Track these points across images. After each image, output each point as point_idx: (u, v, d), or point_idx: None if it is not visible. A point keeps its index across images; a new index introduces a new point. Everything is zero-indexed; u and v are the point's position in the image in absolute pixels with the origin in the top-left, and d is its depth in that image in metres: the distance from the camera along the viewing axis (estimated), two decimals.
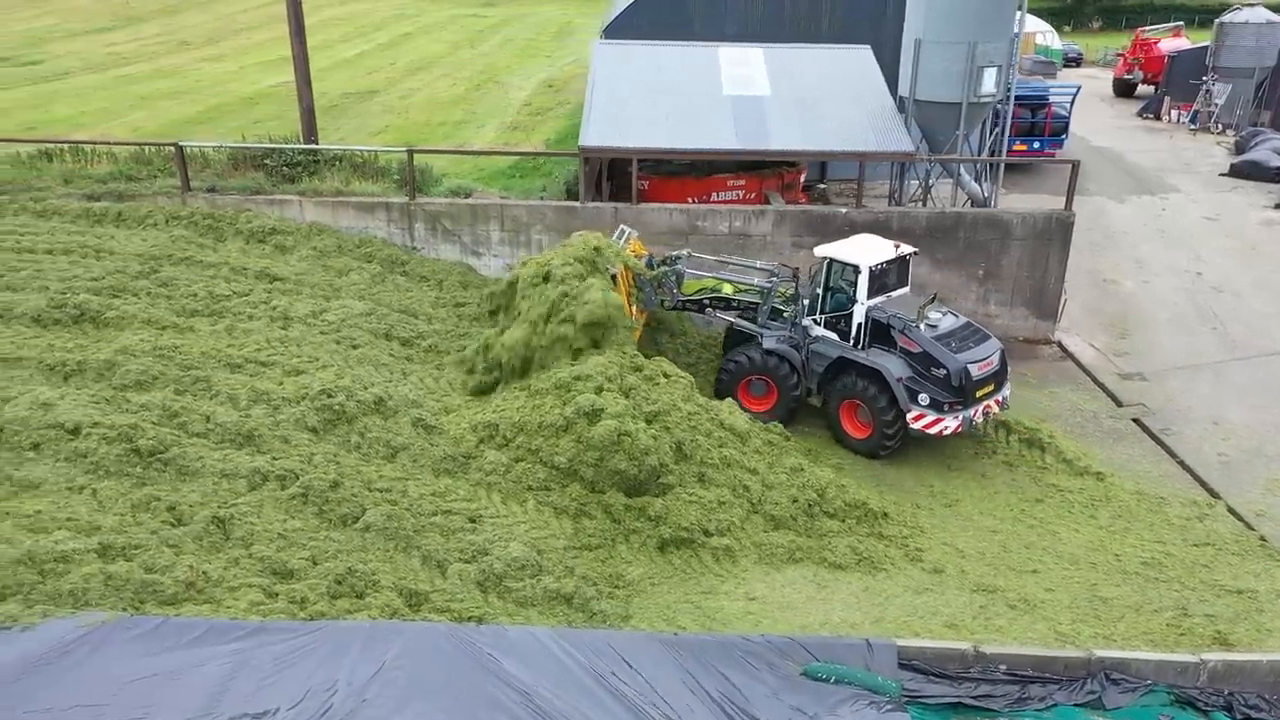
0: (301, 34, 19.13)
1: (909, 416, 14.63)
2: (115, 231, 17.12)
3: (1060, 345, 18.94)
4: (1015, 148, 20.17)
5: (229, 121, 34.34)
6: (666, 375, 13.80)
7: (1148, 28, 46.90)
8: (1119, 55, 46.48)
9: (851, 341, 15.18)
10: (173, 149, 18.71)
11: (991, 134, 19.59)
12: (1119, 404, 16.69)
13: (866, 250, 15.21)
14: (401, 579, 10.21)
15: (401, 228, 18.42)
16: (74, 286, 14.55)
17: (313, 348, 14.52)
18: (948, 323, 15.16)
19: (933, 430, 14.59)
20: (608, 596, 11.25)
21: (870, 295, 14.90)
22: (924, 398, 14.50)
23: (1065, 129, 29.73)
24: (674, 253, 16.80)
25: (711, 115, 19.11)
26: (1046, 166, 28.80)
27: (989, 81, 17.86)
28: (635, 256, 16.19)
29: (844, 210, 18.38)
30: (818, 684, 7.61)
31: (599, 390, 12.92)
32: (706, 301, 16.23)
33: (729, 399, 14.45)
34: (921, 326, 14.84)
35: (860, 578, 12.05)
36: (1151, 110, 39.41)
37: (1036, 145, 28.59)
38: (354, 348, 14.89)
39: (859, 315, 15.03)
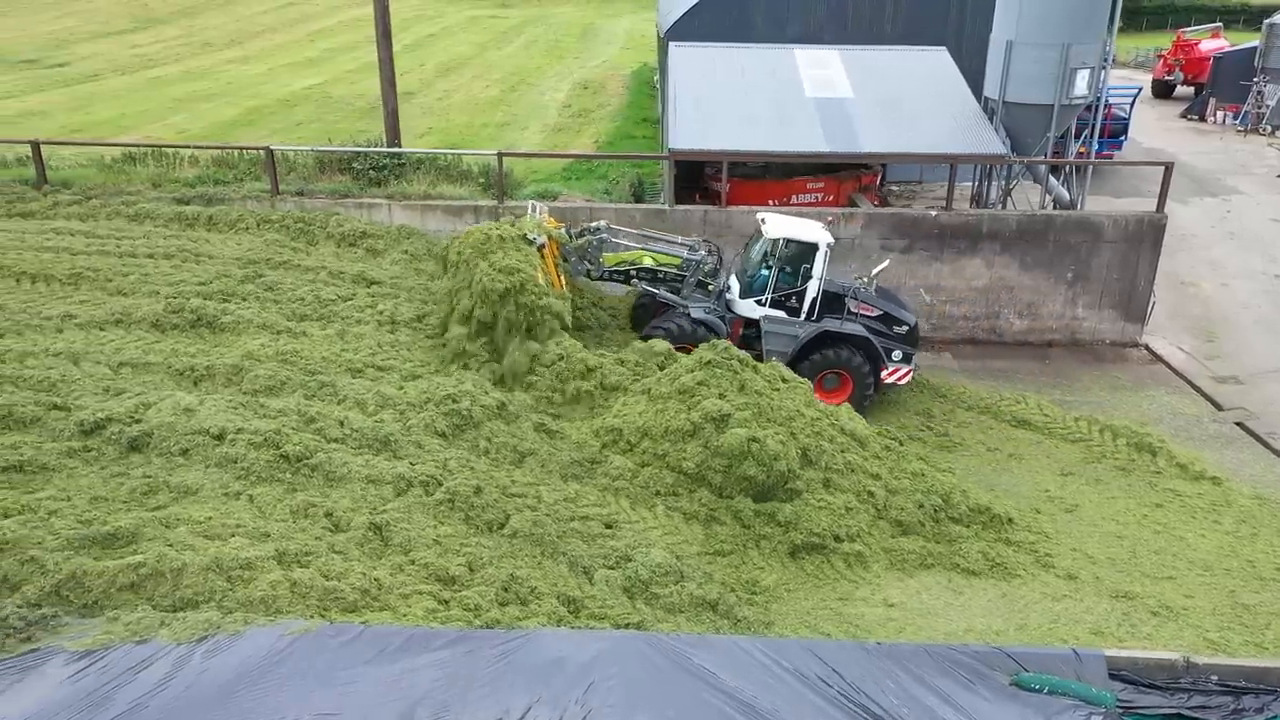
0: (388, 37, 19.11)
1: (884, 373, 15.95)
2: (209, 235, 17.12)
3: (1148, 348, 18.86)
4: (1077, 149, 20.09)
5: (270, 124, 34.43)
6: (785, 380, 13.75)
7: (1188, 29, 46.75)
8: (1158, 56, 46.36)
9: (803, 315, 15.93)
10: (258, 152, 18.70)
11: (1080, 137, 19.51)
12: (1219, 408, 16.61)
13: (816, 228, 15.92)
14: (554, 585, 10.18)
15: None
16: (183, 291, 14.55)
17: (423, 352, 14.50)
18: (875, 287, 16.57)
19: (904, 381, 16.18)
20: (747, 603, 11.21)
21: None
22: (897, 354, 15.86)
23: (1124, 130, 29.64)
24: (591, 224, 16.93)
25: (797, 118, 19.05)
26: (1105, 167, 28.69)
27: (1081, 84, 17.80)
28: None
29: (933, 213, 18.32)
30: (1030, 694, 7.54)
31: (722, 395, 12.87)
32: (632, 272, 16.40)
33: (846, 406, 14.38)
34: (873, 290, 16.30)
35: (995, 584, 11.98)
36: (1196, 111, 39.29)
37: (1095, 146, 28.43)
38: None
39: (813, 290, 15.79)
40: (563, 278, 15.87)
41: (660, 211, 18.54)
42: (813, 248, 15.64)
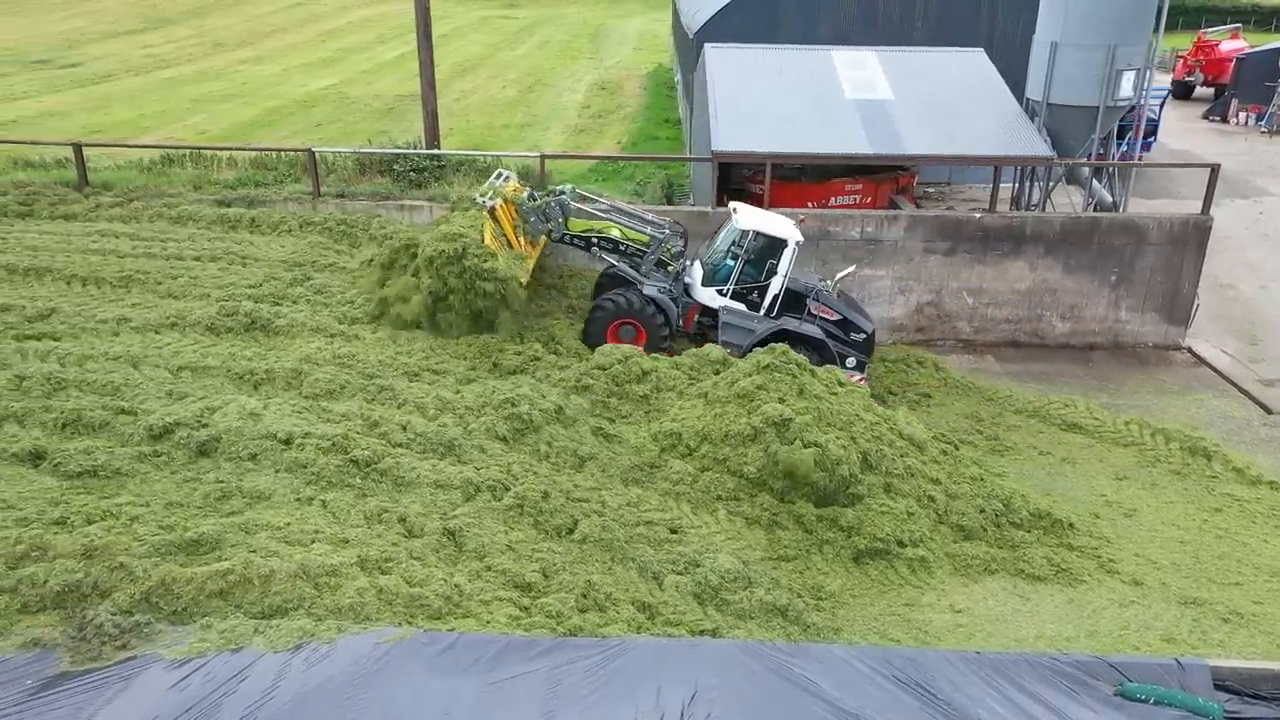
0: (428, 37, 19.02)
1: None
2: (252, 237, 17.06)
3: (1191, 351, 18.77)
4: (1121, 151, 20.06)
5: (290, 124, 34.40)
6: (841, 384, 13.67)
7: (1209, 29, 46.63)
8: (1178, 57, 46.21)
9: (763, 311, 15.83)
10: (296, 154, 18.62)
11: (1124, 138, 19.42)
12: (1268, 411, 16.50)
13: (787, 225, 15.84)
14: (627, 591, 10.11)
15: None
16: (234, 294, 14.50)
17: (473, 353, 14.42)
18: (838, 291, 16.57)
19: None
20: (814, 609, 11.14)
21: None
22: (850, 361, 15.62)
23: (1154, 131, 29.56)
24: (558, 187, 16.92)
25: (838, 119, 18.98)
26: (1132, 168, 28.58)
27: (1127, 85, 17.72)
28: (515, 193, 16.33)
29: (977, 215, 18.23)
30: (1136, 705, 7.46)
31: (781, 400, 12.79)
32: (594, 240, 16.26)
33: (903, 410, 14.30)
34: (835, 295, 16.22)
35: (1060, 589, 11.90)
36: (1218, 112, 39.18)
37: (1124, 148, 28.39)
38: None
39: (776, 287, 15.69)
40: (523, 238, 15.88)
41: (704, 214, 18.45)
42: (781, 244, 15.60)
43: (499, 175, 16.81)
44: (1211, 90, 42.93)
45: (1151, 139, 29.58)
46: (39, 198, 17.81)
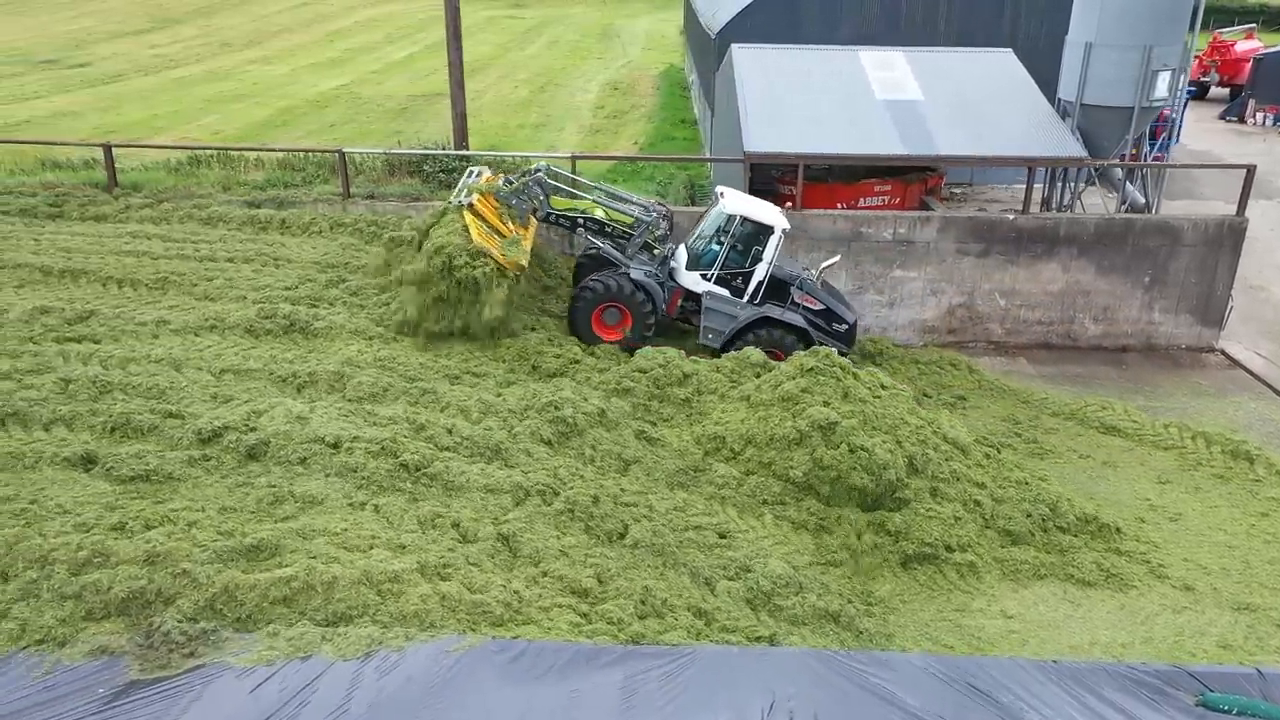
0: (458, 38, 18.94)
1: None
2: (283, 239, 16.97)
3: (1224, 353, 18.65)
4: (1154, 154, 19.95)
5: (304, 125, 34.29)
6: (884, 387, 13.57)
7: (1223, 30, 46.50)
8: (1194, 57, 45.99)
9: (746, 298, 15.72)
10: (325, 155, 18.52)
11: (1158, 139, 19.30)
12: None
13: (775, 212, 15.77)
14: (681, 597, 10.01)
15: (560, 233, 18.20)
16: (271, 296, 14.40)
17: (511, 355, 14.33)
18: (822, 281, 16.47)
19: None
20: (865, 614, 11.03)
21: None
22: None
23: (1178, 132, 29.38)
24: (533, 165, 16.81)
25: (869, 120, 18.87)
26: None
27: (1162, 86, 17.60)
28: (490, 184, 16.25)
29: (1010, 217, 18.12)
30: (1218, 715, 7.35)
31: (826, 403, 12.69)
32: (580, 221, 16.09)
33: (945, 414, 14.18)
34: (819, 284, 16.09)
35: (1111, 595, 11.79)
36: (1235, 113, 39.05)
37: (1155, 149, 28.24)
38: None
39: (760, 274, 15.59)
40: (511, 224, 15.80)
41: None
42: (768, 230, 15.50)
43: (470, 174, 16.69)
44: (1227, 90, 42.80)
45: (1174, 140, 29.42)
46: (69, 199, 17.73)
